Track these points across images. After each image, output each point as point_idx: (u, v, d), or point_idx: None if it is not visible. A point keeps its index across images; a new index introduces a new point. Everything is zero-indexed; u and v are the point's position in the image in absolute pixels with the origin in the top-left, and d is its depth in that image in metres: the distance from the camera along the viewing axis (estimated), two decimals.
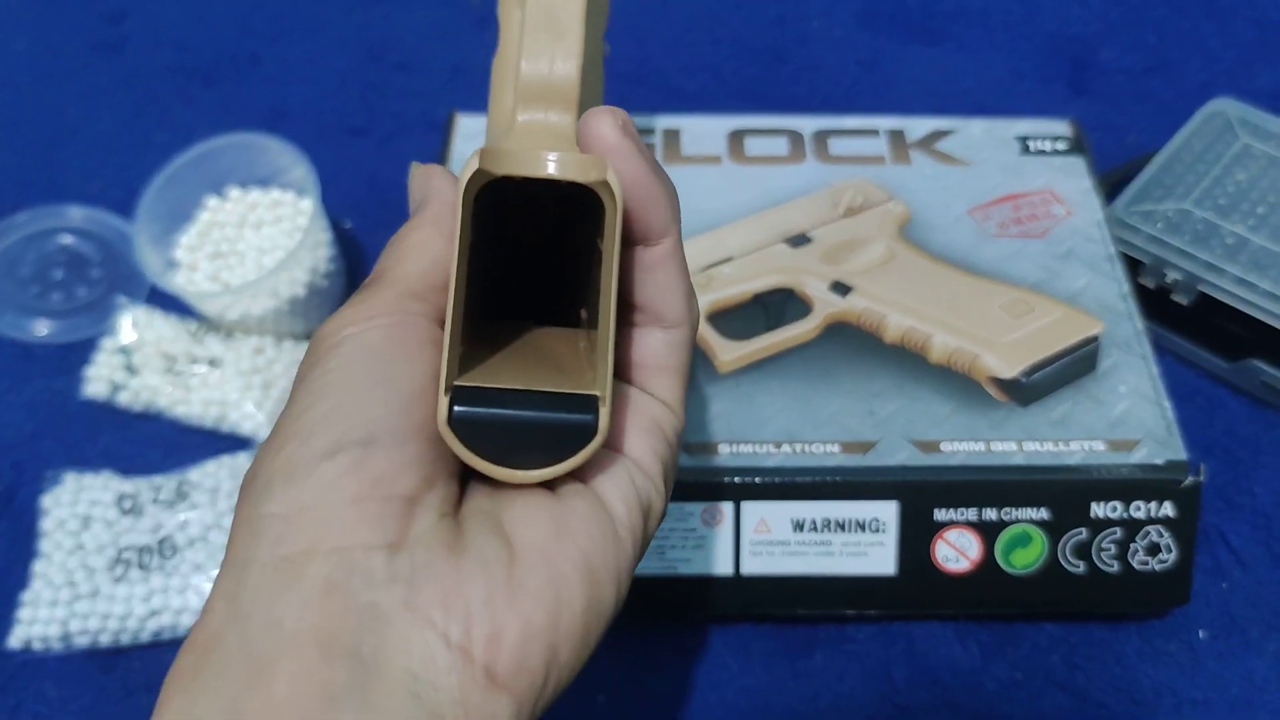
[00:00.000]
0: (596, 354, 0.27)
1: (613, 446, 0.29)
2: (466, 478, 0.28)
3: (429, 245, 0.29)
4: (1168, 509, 0.45)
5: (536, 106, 0.30)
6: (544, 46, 0.30)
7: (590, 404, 0.27)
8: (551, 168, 0.26)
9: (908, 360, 0.49)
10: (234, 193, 0.60)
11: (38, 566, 0.51)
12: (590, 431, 0.27)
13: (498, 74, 0.38)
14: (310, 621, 0.24)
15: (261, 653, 0.23)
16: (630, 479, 0.28)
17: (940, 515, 0.46)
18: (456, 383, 0.26)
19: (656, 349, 0.30)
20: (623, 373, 0.30)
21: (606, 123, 0.27)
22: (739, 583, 0.46)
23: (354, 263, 0.63)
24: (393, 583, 0.24)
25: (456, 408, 0.26)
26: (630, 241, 0.28)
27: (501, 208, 0.29)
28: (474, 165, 0.26)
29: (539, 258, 0.33)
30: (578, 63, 0.30)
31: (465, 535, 0.26)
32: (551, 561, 0.26)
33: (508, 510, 0.27)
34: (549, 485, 0.28)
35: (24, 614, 0.49)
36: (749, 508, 0.46)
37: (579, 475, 0.28)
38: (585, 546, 0.26)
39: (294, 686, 0.23)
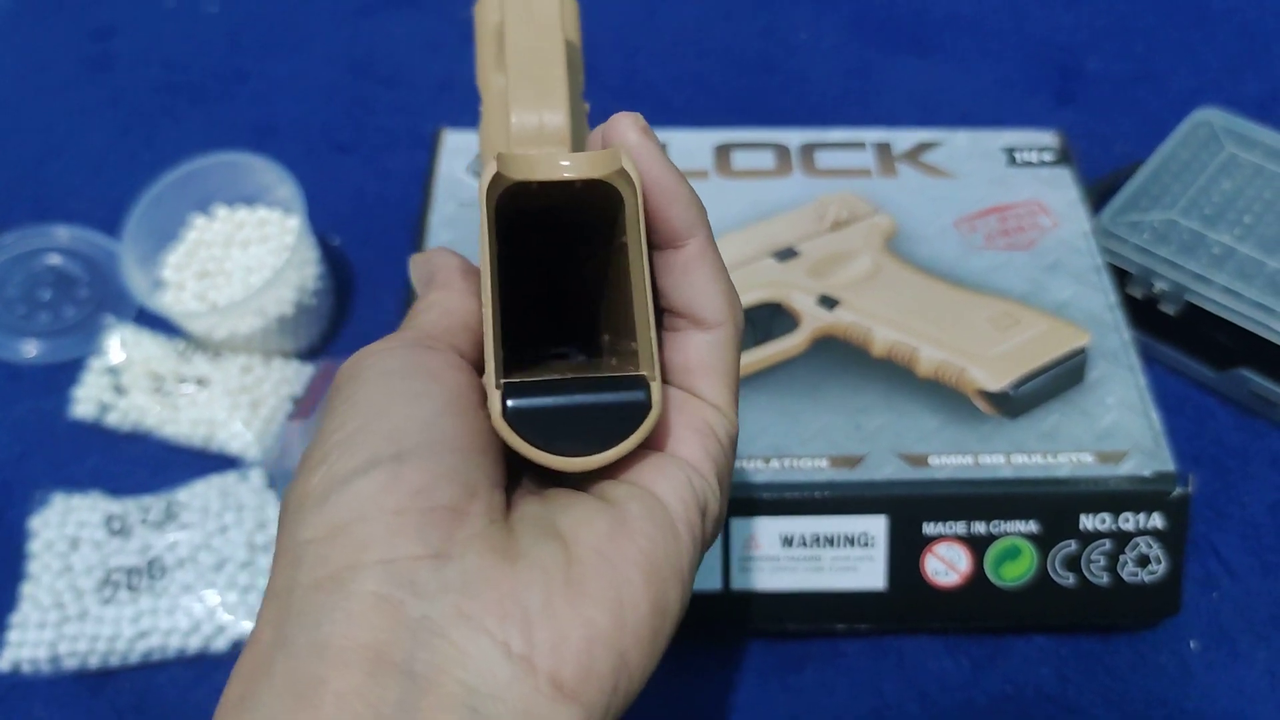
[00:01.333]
0: (638, 337, 0.27)
1: (664, 449, 0.28)
2: (512, 487, 0.28)
3: (441, 302, 0.30)
4: (1157, 520, 0.45)
5: (530, 148, 0.30)
6: (531, 100, 0.30)
7: (640, 383, 0.27)
8: (567, 168, 0.26)
9: (895, 374, 0.49)
10: (221, 211, 0.60)
11: (26, 588, 0.51)
12: (644, 408, 0.26)
13: (486, 140, 0.38)
14: (359, 639, 0.23)
15: (308, 674, 0.22)
16: (686, 477, 0.28)
17: (929, 529, 0.46)
18: (504, 380, 0.26)
19: (700, 351, 0.29)
20: (669, 377, 0.30)
21: (626, 123, 0.28)
22: (729, 598, 0.46)
23: (342, 280, 0.62)
24: (444, 593, 0.23)
25: (510, 401, 0.26)
26: (657, 245, 0.29)
27: (514, 253, 0.29)
28: (492, 169, 0.26)
29: (556, 302, 0.33)
30: (566, 112, 0.30)
31: (517, 540, 0.25)
32: (611, 562, 0.25)
33: (562, 514, 0.26)
34: (593, 488, 0.27)
35: (12, 636, 0.49)
36: (738, 523, 0.46)
37: (633, 477, 0.28)
38: (645, 546, 0.26)
39: (341, 707, 0.22)
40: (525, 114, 0.30)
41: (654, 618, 0.25)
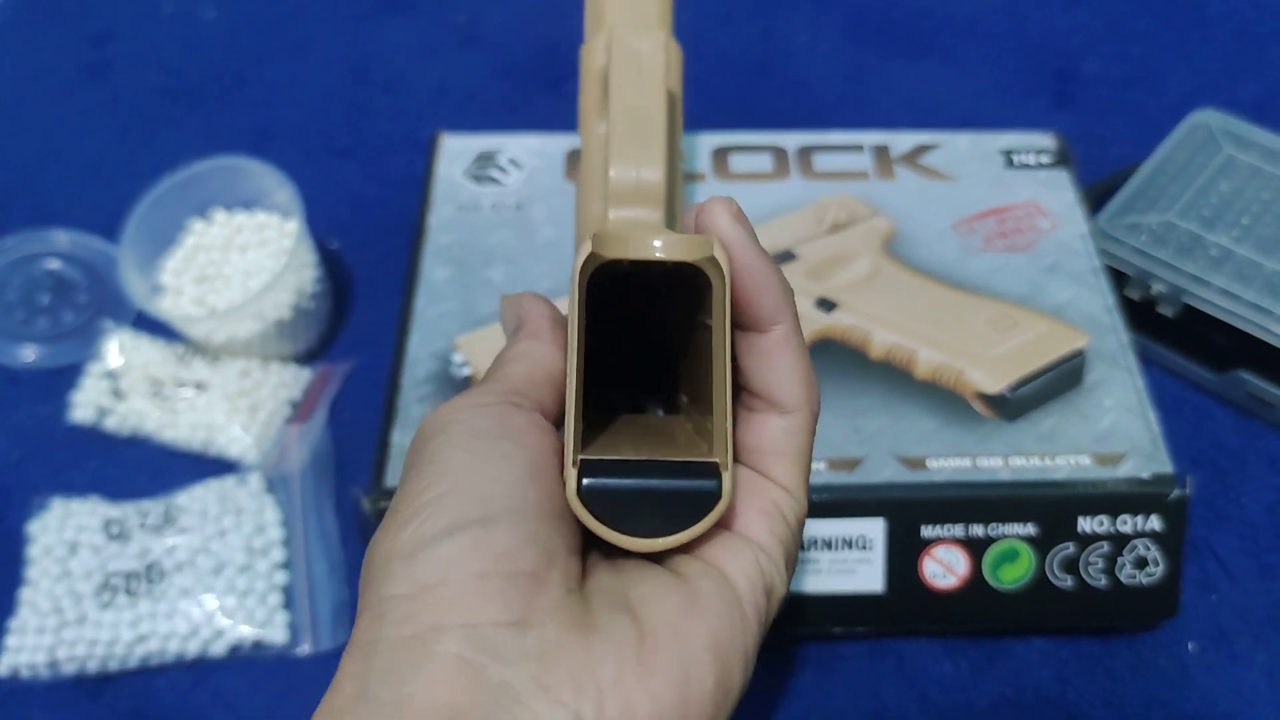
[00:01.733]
0: (714, 423, 0.28)
1: (733, 529, 0.29)
2: (588, 553, 0.29)
3: (529, 352, 0.31)
4: (1155, 522, 0.45)
5: (626, 207, 0.32)
6: (630, 155, 0.32)
7: (712, 470, 0.27)
8: (659, 249, 0.27)
9: (893, 376, 0.49)
10: (219, 216, 0.60)
11: (25, 593, 0.51)
12: (714, 497, 0.27)
13: (584, 186, 0.39)
14: (440, 700, 0.24)
15: None
16: (755, 558, 0.29)
17: (927, 532, 0.46)
18: (581, 456, 0.27)
19: (775, 435, 0.30)
20: (742, 457, 0.30)
21: (720, 209, 0.28)
22: None
23: (340, 283, 0.63)
24: (523, 660, 0.24)
25: (586, 480, 0.27)
26: (742, 327, 0.29)
27: (599, 303, 0.30)
28: (587, 249, 0.27)
29: (636, 350, 0.34)
30: (663, 169, 0.31)
31: (593, 612, 0.26)
32: (682, 639, 0.26)
33: (635, 588, 0.27)
34: (666, 561, 0.28)
35: (11, 641, 0.49)
36: None
37: (704, 554, 0.28)
38: (714, 624, 0.27)
39: None
40: (624, 169, 0.32)
41: (718, 695, 0.26)
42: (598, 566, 0.28)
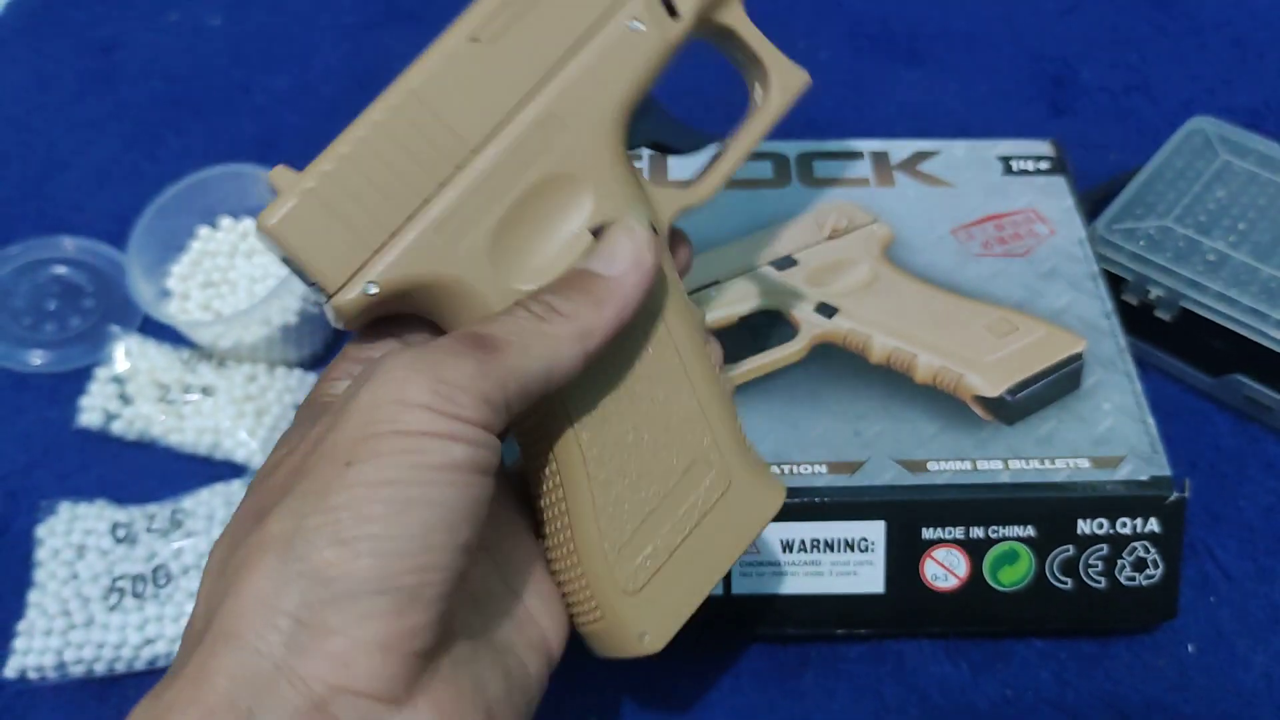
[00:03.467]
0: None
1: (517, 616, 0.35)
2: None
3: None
4: (1153, 525, 0.46)
5: None
6: None
7: None
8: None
9: (893, 381, 0.50)
10: (225, 222, 0.61)
11: (32, 596, 0.51)
12: None
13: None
14: None
15: None
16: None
17: (928, 534, 0.46)
18: None
19: None
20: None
21: None
22: (730, 603, 0.47)
23: None
24: None
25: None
26: None
27: None
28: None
29: None
30: None
31: (461, 698, 0.29)
32: None
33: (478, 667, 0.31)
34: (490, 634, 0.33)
35: (19, 644, 0.50)
36: None
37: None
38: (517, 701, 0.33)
39: None
40: None
41: None
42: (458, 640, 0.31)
